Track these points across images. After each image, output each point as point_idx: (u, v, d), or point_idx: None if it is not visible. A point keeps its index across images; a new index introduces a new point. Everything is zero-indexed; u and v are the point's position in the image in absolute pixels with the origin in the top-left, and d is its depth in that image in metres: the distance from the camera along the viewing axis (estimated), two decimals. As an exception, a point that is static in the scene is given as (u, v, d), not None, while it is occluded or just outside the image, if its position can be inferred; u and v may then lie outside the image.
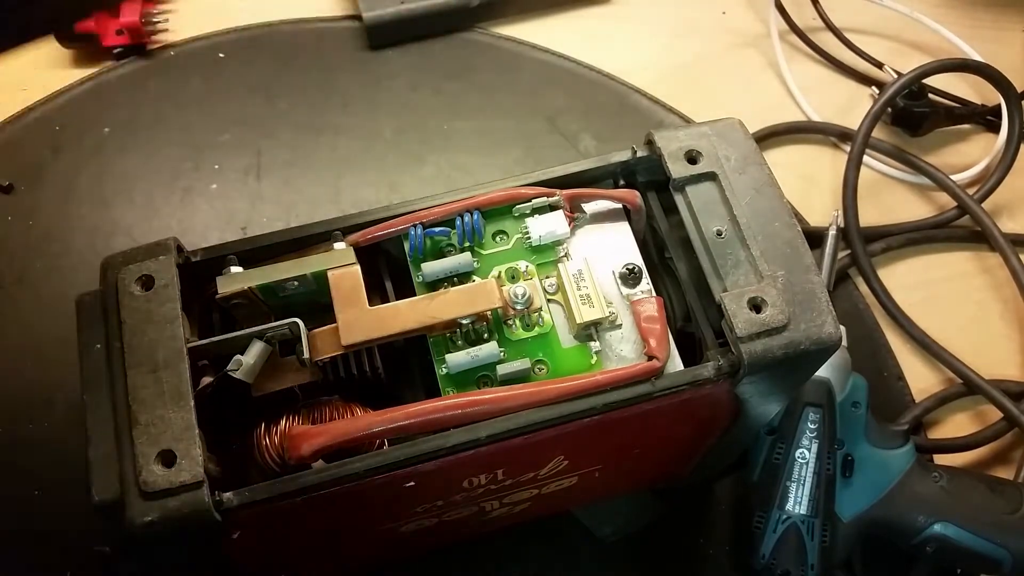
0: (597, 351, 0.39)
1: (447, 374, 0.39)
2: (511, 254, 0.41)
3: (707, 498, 0.60)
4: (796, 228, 0.40)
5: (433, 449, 0.36)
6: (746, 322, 0.37)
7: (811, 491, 0.53)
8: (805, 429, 0.54)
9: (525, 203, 0.41)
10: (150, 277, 0.37)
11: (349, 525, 0.42)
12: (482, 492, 0.42)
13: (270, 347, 0.38)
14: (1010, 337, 0.66)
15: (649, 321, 0.39)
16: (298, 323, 0.37)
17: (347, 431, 0.36)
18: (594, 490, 0.51)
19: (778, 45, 0.77)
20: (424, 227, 0.40)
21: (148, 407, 0.35)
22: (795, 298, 0.38)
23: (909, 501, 0.54)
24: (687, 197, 0.40)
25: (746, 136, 0.42)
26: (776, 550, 0.53)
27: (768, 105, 0.75)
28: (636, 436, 0.42)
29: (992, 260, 0.68)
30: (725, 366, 0.38)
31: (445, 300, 0.38)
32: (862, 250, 0.66)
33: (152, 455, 0.34)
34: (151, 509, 0.33)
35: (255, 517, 0.35)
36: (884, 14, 0.79)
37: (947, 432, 0.62)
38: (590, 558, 0.57)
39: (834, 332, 0.38)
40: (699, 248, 0.40)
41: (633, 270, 0.40)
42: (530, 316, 0.40)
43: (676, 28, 0.80)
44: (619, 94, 0.75)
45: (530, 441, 0.37)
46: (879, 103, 0.67)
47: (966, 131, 0.74)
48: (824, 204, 0.70)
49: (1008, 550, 0.53)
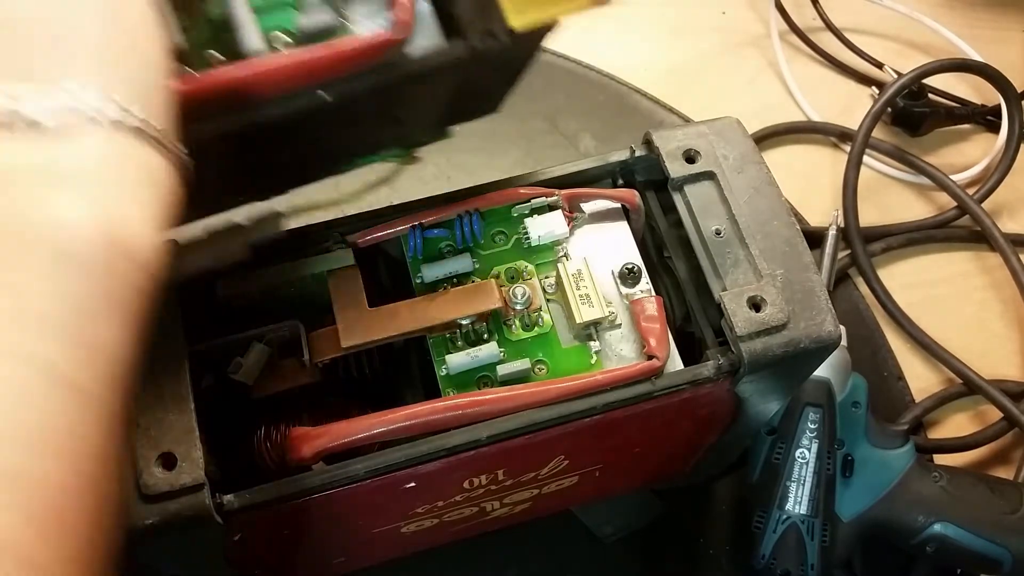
0: (597, 351, 0.39)
1: (447, 375, 0.39)
2: (510, 254, 0.41)
3: (707, 498, 0.60)
4: (795, 227, 0.40)
5: (433, 450, 0.36)
6: (745, 321, 0.37)
7: (811, 491, 0.53)
8: (805, 429, 0.54)
9: (524, 203, 0.41)
10: (150, 279, 0.37)
11: (350, 526, 0.42)
12: (483, 492, 0.42)
13: (270, 349, 0.38)
14: (1010, 337, 0.66)
15: (649, 320, 0.39)
16: (298, 325, 0.38)
17: (347, 432, 0.36)
18: (594, 490, 0.51)
19: (778, 45, 0.77)
20: (423, 228, 0.40)
21: (148, 409, 0.35)
22: (794, 297, 0.38)
23: (909, 501, 0.54)
24: (686, 196, 0.40)
25: (744, 135, 0.42)
26: (776, 550, 0.53)
27: (768, 105, 0.75)
28: (636, 435, 0.43)
29: (992, 260, 0.68)
30: (725, 365, 0.38)
31: (445, 301, 0.39)
32: (862, 250, 0.66)
33: (152, 458, 0.34)
34: (152, 512, 0.33)
35: (256, 519, 0.35)
36: (884, 14, 0.79)
37: (947, 432, 0.62)
38: (590, 558, 0.57)
39: (833, 330, 0.38)
40: (698, 247, 0.40)
41: (632, 270, 0.40)
42: (530, 316, 0.40)
43: (676, 28, 0.80)
44: (619, 94, 0.75)
45: (530, 441, 0.37)
46: (879, 103, 0.67)
47: (966, 131, 0.74)
48: (824, 204, 0.70)
49: (1008, 550, 0.53)
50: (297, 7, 0.33)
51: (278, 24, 0.33)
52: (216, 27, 0.32)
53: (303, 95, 0.31)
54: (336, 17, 0.33)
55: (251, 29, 0.32)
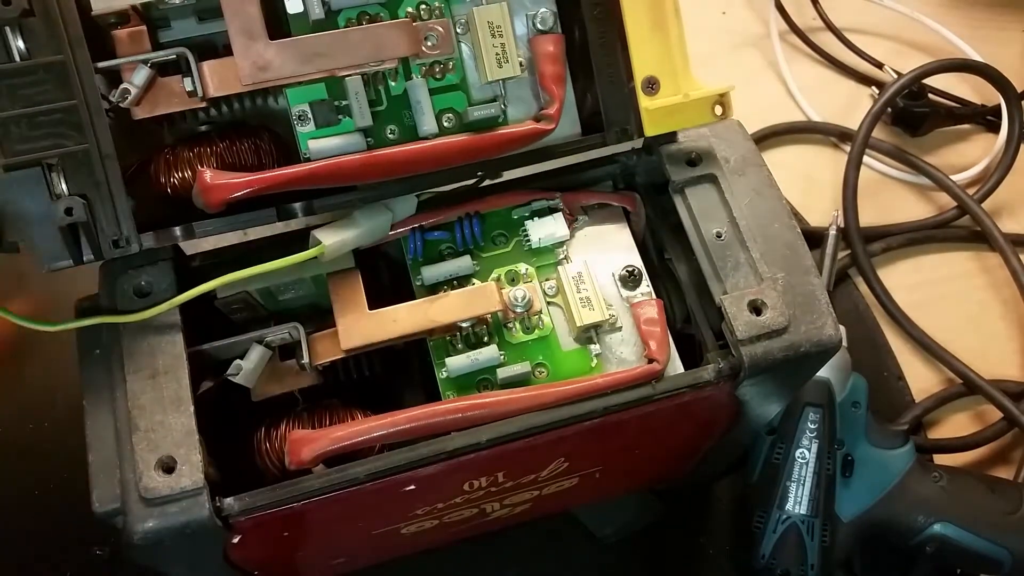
0: (597, 354, 0.39)
1: (447, 377, 0.39)
2: (511, 257, 0.41)
3: (707, 498, 0.60)
4: (796, 230, 0.40)
5: (434, 453, 0.36)
6: (746, 324, 0.37)
7: (811, 491, 0.53)
8: (805, 429, 0.54)
9: (524, 206, 0.41)
10: (149, 282, 0.37)
11: (350, 528, 0.42)
12: (483, 494, 0.42)
13: (270, 351, 0.38)
14: (1010, 337, 0.66)
15: (649, 323, 0.39)
16: (298, 327, 0.37)
17: (348, 435, 0.35)
18: (594, 491, 0.51)
19: (778, 45, 0.77)
20: (424, 230, 0.40)
21: (148, 413, 0.35)
22: (795, 300, 0.38)
23: (909, 501, 0.54)
24: (686, 199, 0.40)
25: (745, 137, 0.42)
26: (776, 550, 0.53)
27: (768, 105, 0.75)
28: (636, 438, 0.42)
29: (992, 260, 0.68)
30: (725, 368, 0.38)
31: (445, 303, 0.38)
32: (862, 250, 0.66)
33: (152, 461, 0.34)
34: (152, 516, 0.33)
35: (256, 522, 0.35)
36: (884, 14, 0.78)
37: (947, 432, 0.62)
38: (590, 558, 0.57)
39: (834, 334, 0.38)
40: (699, 250, 0.40)
41: (633, 272, 0.40)
42: (530, 319, 0.40)
43: (676, 28, 0.79)
44: (619, 94, 0.75)
45: (531, 444, 0.37)
46: (879, 103, 0.67)
47: (966, 131, 0.74)
48: (824, 204, 0.70)
49: (1008, 550, 0.53)
50: (466, 91, 0.40)
51: (450, 105, 0.40)
52: (399, 102, 0.39)
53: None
54: (500, 109, 0.40)
55: (429, 115, 0.39)
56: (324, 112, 0.39)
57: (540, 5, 0.40)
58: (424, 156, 0.38)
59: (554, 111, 0.39)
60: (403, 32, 0.38)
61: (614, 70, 0.40)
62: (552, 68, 0.40)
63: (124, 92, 0.37)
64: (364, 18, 0.38)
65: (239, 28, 0.36)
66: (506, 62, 0.39)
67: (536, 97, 0.41)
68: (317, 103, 0.39)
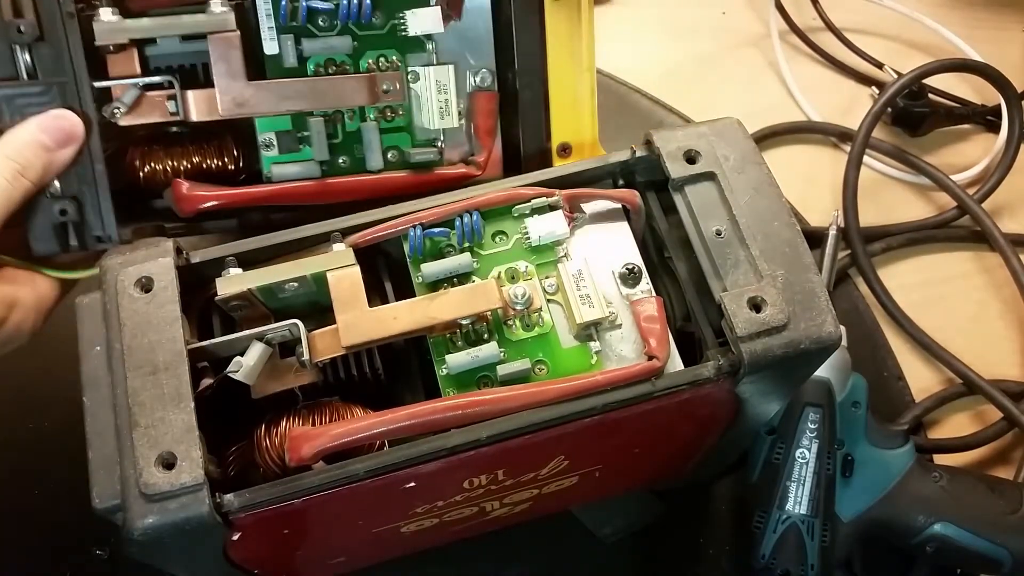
0: (597, 351, 0.39)
1: (447, 375, 0.39)
2: (511, 254, 0.41)
3: (707, 498, 0.60)
4: (795, 227, 0.40)
5: (433, 450, 0.36)
6: (746, 322, 0.37)
7: (811, 491, 0.53)
8: (805, 429, 0.54)
9: (524, 203, 0.41)
10: (149, 279, 0.37)
11: (349, 526, 0.42)
12: (482, 492, 0.42)
13: (270, 349, 0.38)
14: (1010, 337, 0.66)
15: (649, 321, 0.39)
16: (298, 324, 0.37)
17: (348, 432, 0.36)
18: (594, 490, 0.51)
19: (778, 45, 0.77)
20: (423, 228, 0.40)
21: (148, 409, 0.35)
22: (795, 297, 0.38)
23: (909, 501, 0.54)
24: (686, 197, 0.40)
25: (745, 135, 0.42)
26: (776, 550, 0.53)
27: (768, 105, 0.75)
28: (636, 436, 0.43)
29: (992, 260, 0.68)
30: (725, 366, 0.38)
31: (445, 301, 0.38)
32: (862, 250, 0.66)
33: (152, 457, 0.34)
34: (151, 512, 0.33)
35: (256, 519, 0.35)
36: (884, 14, 0.79)
37: (947, 432, 0.62)
38: (590, 558, 0.57)
39: (834, 331, 0.38)
40: (698, 248, 0.40)
41: (633, 270, 0.40)
42: (530, 316, 0.40)
43: (676, 28, 0.80)
44: (619, 94, 0.75)
45: (530, 441, 0.37)
46: (879, 103, 0.67)
47: (966, 131, 0.74)
48: (824, 204, 0.70)
49: (1008, 550, 0.53)
50: (410, 133, 0.48)
51: (396, 144, 0.48)
52: (352, 137, 0.47)
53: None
54: (437, 154, 0.48)
55: (377, 153, 0.47)
56: (287, 141, 0.46)
57: (482, 65, 0.47)
58: (370, 188, 0.47)
59: (482, 160, 0.47)
60: (364, 85, 0.45)
61: (536, 130, 0.48)
62: (485, 122, 0.47)
63: (115, 110, 0.43)
64: (331, 66, 0.46)
65: (223, 71, 0.43)
66: (448, 114, 0.47)
67: (470, 140, 0.48)
68: (282, 133, 0.46)
